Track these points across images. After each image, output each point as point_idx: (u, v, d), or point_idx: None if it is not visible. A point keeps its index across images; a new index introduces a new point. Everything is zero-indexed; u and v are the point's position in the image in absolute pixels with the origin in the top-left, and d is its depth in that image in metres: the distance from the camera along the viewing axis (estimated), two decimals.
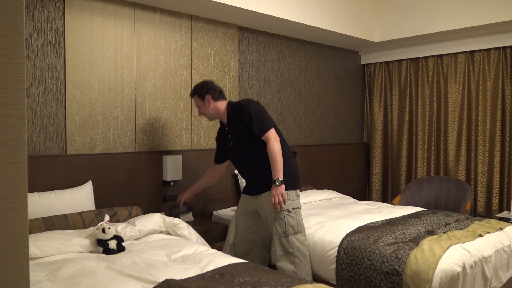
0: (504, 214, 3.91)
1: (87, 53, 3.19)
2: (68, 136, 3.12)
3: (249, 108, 2.77)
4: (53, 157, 3.01)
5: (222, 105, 2.95)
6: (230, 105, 2.94)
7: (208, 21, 3.91)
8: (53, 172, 2.99)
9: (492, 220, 3.21)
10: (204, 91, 2.94)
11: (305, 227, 3.12)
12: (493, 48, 4.48)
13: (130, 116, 3.42)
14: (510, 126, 4.42)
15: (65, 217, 2.69)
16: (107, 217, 2.60)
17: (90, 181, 3.12)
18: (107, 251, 2.41)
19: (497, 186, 4.45)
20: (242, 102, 2.87)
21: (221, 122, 3.08)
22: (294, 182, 2.82)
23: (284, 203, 2.71)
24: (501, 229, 3.01)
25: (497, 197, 4.45)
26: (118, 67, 3.35)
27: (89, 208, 2.97)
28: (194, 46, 3.82)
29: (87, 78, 3.19)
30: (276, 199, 2.67)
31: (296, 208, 2.81)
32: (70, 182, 3.06)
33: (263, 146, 2.78)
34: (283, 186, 2.69)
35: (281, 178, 2.68)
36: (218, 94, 2.95)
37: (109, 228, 2.46)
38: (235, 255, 2.98)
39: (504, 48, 4.42)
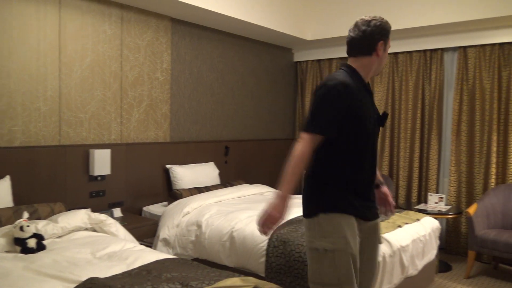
0: (421, 206, 4.19)
1: (6, 39, 2.97)
2: None
3: (316, 94, 1.85)
4: None
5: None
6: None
7: (139, 11, 3.79)
8: None
9: (411, 212, 3.44)
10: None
11: (235, 221, 3.14)
12: (414, 51, 4.77)
13: (53, 108, 3.24)
14: (428, 124, 4.73)
15: None
16: (26, 214, 2.46)
17: (8, 176, 2.92)
18: (26, 250, 2.28)
19: (416, 180, 4.76)
20: (324, 80, 1.87)
21: None
22: (328, 201, 1.85)
23: (267, 229, 1.82)
24: (418, 220, 3.22)
25: (416, 190, 4.77)
26: (41, 55, 3.15)
27: (6, 205, 2.78)
28: (124, 36, 3.69)
29: (5, 66, 2.97)
30: (260, 220, 1.82)
31: (326, 250, 1.81)
32: None
33: (325, 149, 1.86)
34: (276, 204, 1.79)
35: (280, 192, 1.80)
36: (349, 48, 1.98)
37: (28, 226, 2.33)
38: None
39: (425, 51, 4.72)
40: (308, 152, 1.78)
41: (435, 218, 3.70)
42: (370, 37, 1.89)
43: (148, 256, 2.24)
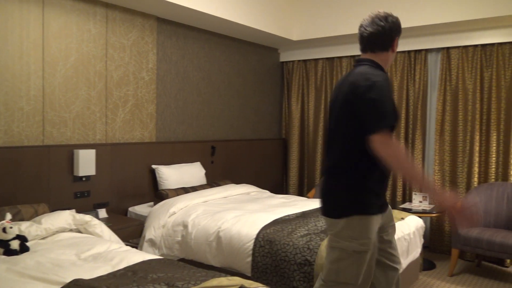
0: (406, 205, 4.24)
1: None
2: None
3: (370, 91, 1.80)
4: None
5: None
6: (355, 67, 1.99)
7: (124, 10, 3.76)
8: None
9: (396, 211, 3.47)
10: None
11: (222, 221, 3.13)
12: (399, 52, 4.82)
13: (37, 107, 3.20)
14: (412, 124, 4.79)
15: None
16: (8, 216, 2.42)
17: None
18: (9, 252, 2.25)
19: (401, 179, 4.81)
20: (364, 77, 1.85)
21: None
22: (361, 203, 1.85)
23: (462, 221, 1.75)
24: (402, 219, 3.26)
25: (401, 189, 4.82)
26: (24, 54, 3.11)
27: None
28: (109, 36, 3.66)
29: None
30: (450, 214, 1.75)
31: (355, 251, 1.85)
32: None
33: (358, 146, 1.86)
34: (444, 194, 1.75)
35: (428, 185, 1.76)
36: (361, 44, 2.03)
37: (11, 228, 2.29)
38: None
39: (409, 52, 4.78)
40: (399, 145, 1.75)
41: (420, 216, 3.75)
42: (388, 33, 1.94)
43: (133, 257, 2.23)
